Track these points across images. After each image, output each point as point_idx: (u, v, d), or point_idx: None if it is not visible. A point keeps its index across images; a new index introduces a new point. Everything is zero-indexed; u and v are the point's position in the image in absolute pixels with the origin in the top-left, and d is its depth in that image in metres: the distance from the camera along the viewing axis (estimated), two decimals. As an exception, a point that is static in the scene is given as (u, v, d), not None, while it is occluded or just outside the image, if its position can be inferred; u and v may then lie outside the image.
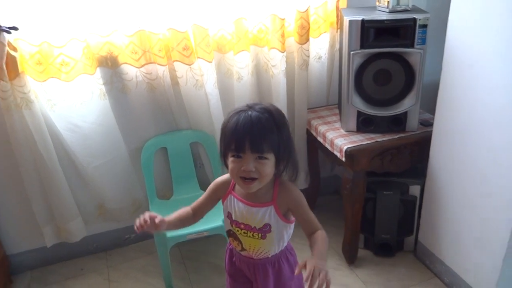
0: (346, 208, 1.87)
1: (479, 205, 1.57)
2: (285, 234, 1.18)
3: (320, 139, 1.93)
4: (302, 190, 1.18)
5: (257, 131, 1.00)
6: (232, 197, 1.17)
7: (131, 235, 2.17)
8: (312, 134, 2.03)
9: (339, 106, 1.99)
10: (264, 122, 1.01)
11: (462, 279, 1.75)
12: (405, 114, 1.77)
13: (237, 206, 1.16)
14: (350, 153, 1.71)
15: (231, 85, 1.95)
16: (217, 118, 1.92)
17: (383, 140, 1.77)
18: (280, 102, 1.98)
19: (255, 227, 1.15)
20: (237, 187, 1.17)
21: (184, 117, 1.96)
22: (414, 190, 1.89)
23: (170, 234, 1.74)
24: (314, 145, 2.12)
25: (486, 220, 1.56)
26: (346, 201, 1.86)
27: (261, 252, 1.19)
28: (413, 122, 1.79)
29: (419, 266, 1.96)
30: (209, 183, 1.23)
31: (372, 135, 1.80)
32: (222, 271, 1.96)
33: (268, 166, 1.04)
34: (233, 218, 1.18)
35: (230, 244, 1.28)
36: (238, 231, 1.18)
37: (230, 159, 1.04)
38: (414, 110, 1.76)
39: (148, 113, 1.91)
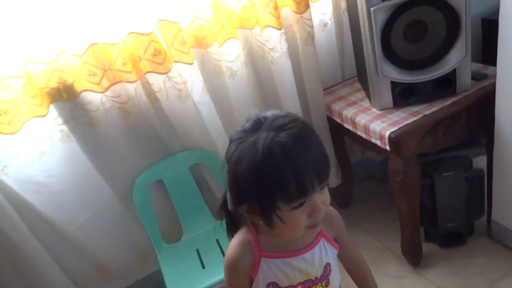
0: (400, 203, 1.49)
1: None
2: (336, 264, 0.92)
3: (348, 126, 1.53)
4: (335, 188, 1.00)
5: (318, 156, 0.69)
6: (267, 260, 0.83)
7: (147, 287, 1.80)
8: (334, 121, 1.63)
9: (362, 79, 1.58)
10: (311, 137, 0.71)
11: None
12: (453, 72, 1.37)
13: (283, 266, 0.83)
14: (396, 139, 1.32)
15: (223, 85, 1.55)
16: (215, 129, 1.53)
17: (432, 112, 1.37)
18: (287, 91, 1.58)
19: (316, 277, 0.86)
20: (262, 242, 0.83)
21: (174, 138, 1.56)
22: (479, 162, 1.50)
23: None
24: (338, 132, 1.72)
25: None
26: (398, 196, 1.47)
27: None
28: (465, 79, 1.39)
29: (500, 250, 1.59)
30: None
31: (416, 108, 1.40)
32: None
33: (328, 192, 0.75)
34: (283, 285, 0.85)
35: None
36: None
37: (287, 212, 0.71)
38: (465, 64, 1.35)
39: (130, 143, 1.51)
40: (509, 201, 1.49)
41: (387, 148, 1.35)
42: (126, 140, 1.49)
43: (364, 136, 1.46)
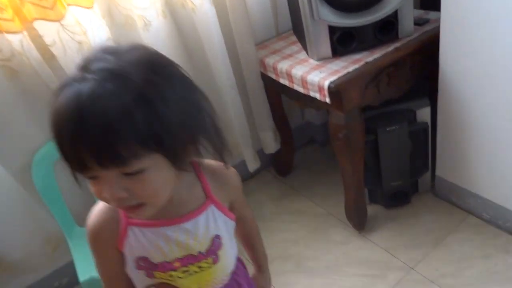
0: (343, 163, 1.36)
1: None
2: (233, 237, 0.75)
3: (284, 81, 1.37)
4: (274, 154, 0.81)
5: (97, 131, 0.49)
6: (135, 229, 0.65)
7: (61, 281, 1.55)
8: (270, 78, 1.45)
9: (298, 29, 1.41)
10: (106, 105, 0.49)
11: (509, 210, 1.34)
12: (395, 14, 1.23)
13: (154, 237, 0.66)
14: (336, 89, 1.17)
15: (137, 39, 1.30)
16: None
17: (374, 59, 1.23)
18: (214, 44, 1.37)
19: (199, 252, 0.69)
20: None
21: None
22: (423, 114, 1.40)
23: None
24: (274, 91, 1.56)
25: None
26: (341, 154, 1.34)
27: (219, 282, 0.76)
28: (407, 23, 1.26)
29: (445, 206, 1.53)
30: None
31: (357, 56, 1.26)
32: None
33: (151, 181, 0.55)
34: (156, 260, 0.67)
35: None
36: (170, 277, 0.69)
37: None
38: (407, 5, 1.22)
39: (22, 111, 1.24)
40: (453, 154, 1.42)
41: (327, 100, 1.20)
42: (17, 107, 1.22)
43: (302, 90, 1.30)
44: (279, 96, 1.60)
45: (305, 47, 1.36)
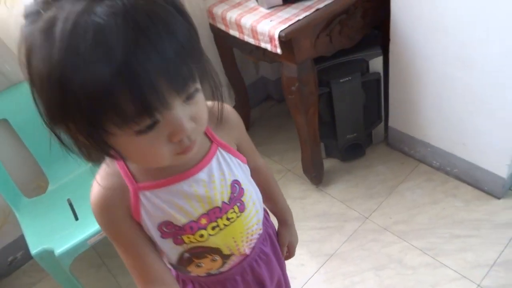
0: (297, 117, 1.34)
1: (478, 59, 1.12)
2: (252, 181, 0.67)
3: (234, 32, 1.30)
4: None
5: (170, 45, 0.41)
6: (147, 194, 0.56)
7: (16, 255, 1.48)
8: (220, 29, 1.38)
9: (246, -25, 1.33)
10: (159, 12, 0.41)
11: (458, 157, 1.37)
12: (345, -44, 1.18)
13: (171, 197, 0.57)
14: (287, 37, 1.12)
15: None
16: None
17: (326, 5, 1.18)
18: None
19: (223, 202, 0.61)
20: (134, 169, 0.56)
21: (13, 61, 1.19)
22: (376, 64, 1.39)
23: (60, 250, 1.10)
24: (226, 44, 1.48)
25: (490, 80, 1.12)
26: (295, 108, 1.31)
27: (253, 233, 0.68)
28: (358, -34, 1.22)
29: (398, 156, 1.56)
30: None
31: (308, 3, 1.20)
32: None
33: (202, 102, 0.49)
34: (180, 222, 0.58)
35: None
36: (201, 237, 0.61)
37: (129, 138, 0.44)
38: None
39: None
40: (405, 105, 1.42)
41: (278, 51, 1.15)
42: None
43: (252, 41, 1.24)
44: (230, 49, 1.53)
45: (254, -5, 1.29)
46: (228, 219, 0.62)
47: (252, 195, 0.66)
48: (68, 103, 0.40)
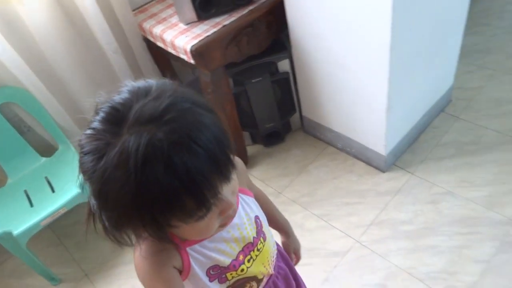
0: (218, 112, 1.60)
1: (350, 61, 1.40)
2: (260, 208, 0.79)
3: (160, 43, 1.54)
4: None
5: (214, 146, 0.49)
6: (195, 247, 0.65)
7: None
8: (152, 42, 1.61)
9: (168, -6, 1.57)
10: (199, 119, 0.49)
11: (352, 139, 1.68)
12: (246, -20, 1.43)
13: (214, 244, 0.67)
14: (198, 51, 1.37)
15: (13, 14, 1.39)
16: (15, 65, 1.40)
17: (231, 22, 1.44)
18: (89, 14, 1.48)
19: (254, 237, 0.72)
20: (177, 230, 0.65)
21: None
22: (284, 65, 1.66)
23: (17, 231, 1.35)
24: (160, 54, 1.72)
25: (361, 77, 1.41)
26: (215, 106, 1.57)
27: (274, 255, 0.80)
28: (256, -12, 1.47)
29: (311, 141, 1.86)
30: (49, 145, 0.67)
31: (217, 19, 1.46)
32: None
33: (235, 174, 0.57)
34: (225, 264, 0.68)
35: None
36: (242, 271, 0.71)
37: (190, 225, 0.53)
38: (255, -28, 1.43)
39: None
40: (311, 97, 1.71)
41: (192, 61, 1.41)
42: None
43: (174, 52, 1.49)
44: (166, 56, 1.77)
45: (177, 11, 1.53)
46: (258, 250, 0.72)
47: (265, 222, 0.75)
48: (142, 212, 0.48)
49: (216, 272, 0.67)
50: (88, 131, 0.49)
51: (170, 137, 0.46)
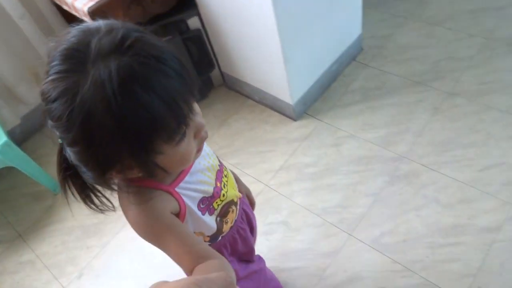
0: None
1: (246, 14, 1.46)
2: None
3: (66, 7, 1.55)
4: None
5: (179, 68, 0.53)
6: (181, 185, 0.68)
7: None
8: (58, 5, 1.62)
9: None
10: (160, 47, 0.53)
11: (265, 92, 1.76)
12: None
13: (193, 178, 0.70)
14: (95, 12, 1.40)
15: None
16: None
17: (129, -18, 1.46)
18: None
19: (219, 164, 0.79)
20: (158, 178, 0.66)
21: None
22: (194, 22, 1.70)
23: None
24: (74, 18, 1.73)
25: (258, 30, 1.47)
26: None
27: (236, 185, 0.88)
28: None
29: (233, 95, 1.94)
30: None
31: (116, -20, 1.48)
32: (41, 197, 1.76)
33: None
34: (209, 193, 0.73)
35: (229, 238, 0.86)
36: (223, 196, 0.77)
37: (172, 149, 0.55)
38: None
39: None
40: (225, 53, 1.77)
41: (93, 23, 1.44)
42: None
43: (77, 15, 1.51)
44: (79, 19, 1.78)
45: (78, -26, 1.54)
46: (225, 176, 0.79)
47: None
48: (129, 138, 0.49)
49: (205, 204, 0.72)
50: (50, 77, 0.48)
51: (137, 59, 0.48)
